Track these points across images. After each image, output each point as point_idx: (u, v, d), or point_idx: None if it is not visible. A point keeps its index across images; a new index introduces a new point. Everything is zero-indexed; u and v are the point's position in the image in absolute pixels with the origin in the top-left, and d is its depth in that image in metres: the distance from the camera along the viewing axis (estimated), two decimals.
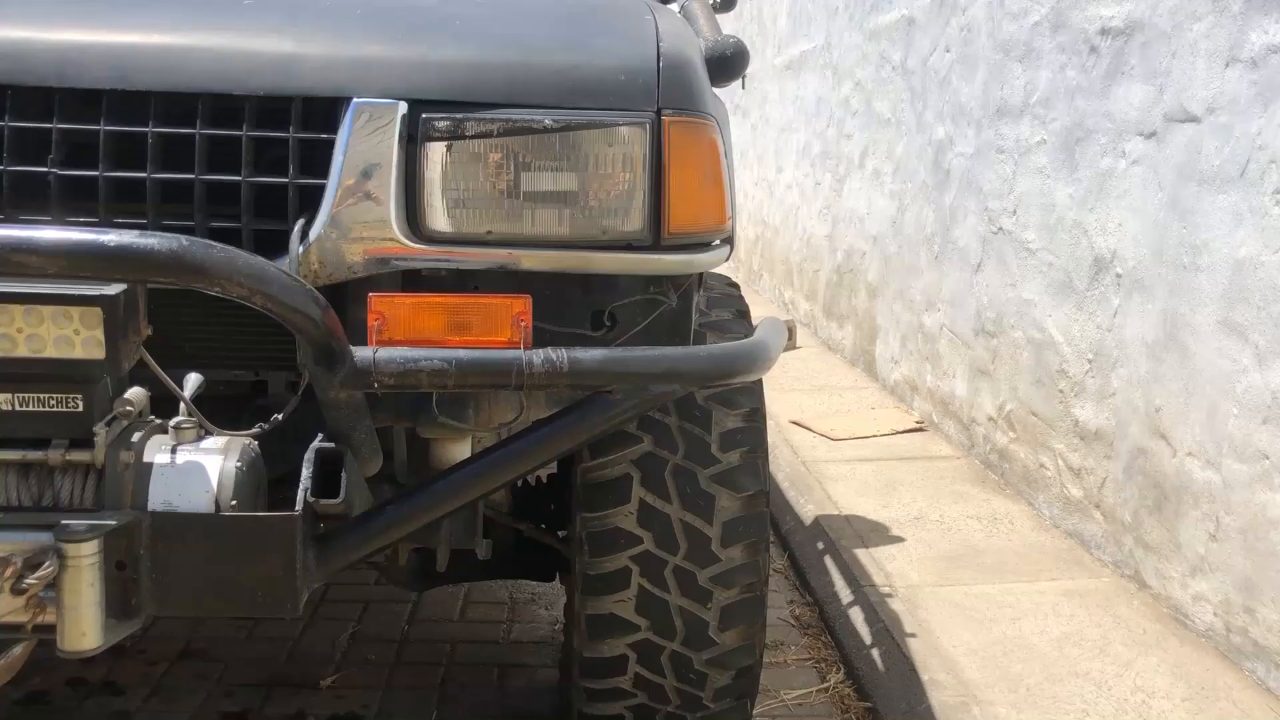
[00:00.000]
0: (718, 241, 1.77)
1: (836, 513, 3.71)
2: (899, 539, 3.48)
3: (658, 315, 1.78)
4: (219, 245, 1.32)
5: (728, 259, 1.83)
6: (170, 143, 1.57)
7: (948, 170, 4.63)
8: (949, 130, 4.62)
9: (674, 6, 2.61)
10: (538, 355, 1.52)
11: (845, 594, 3.11)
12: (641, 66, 1.66)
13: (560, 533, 2.28)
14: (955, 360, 4.53)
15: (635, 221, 1.66)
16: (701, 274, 1.88)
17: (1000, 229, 4.07)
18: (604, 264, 1.68)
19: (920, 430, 4.78)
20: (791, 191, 7.77)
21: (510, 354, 1.52)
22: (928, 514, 3.71)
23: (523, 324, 1.55)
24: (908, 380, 5.13)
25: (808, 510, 3.76)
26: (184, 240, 1.30)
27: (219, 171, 1.58)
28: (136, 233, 1.29)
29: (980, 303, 4.26)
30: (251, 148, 1.57)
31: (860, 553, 3.35)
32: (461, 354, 1.50)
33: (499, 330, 1.56)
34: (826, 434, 4.65)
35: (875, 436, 4.67)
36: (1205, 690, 2.53)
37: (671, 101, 1.66)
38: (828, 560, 3.34)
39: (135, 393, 1.51)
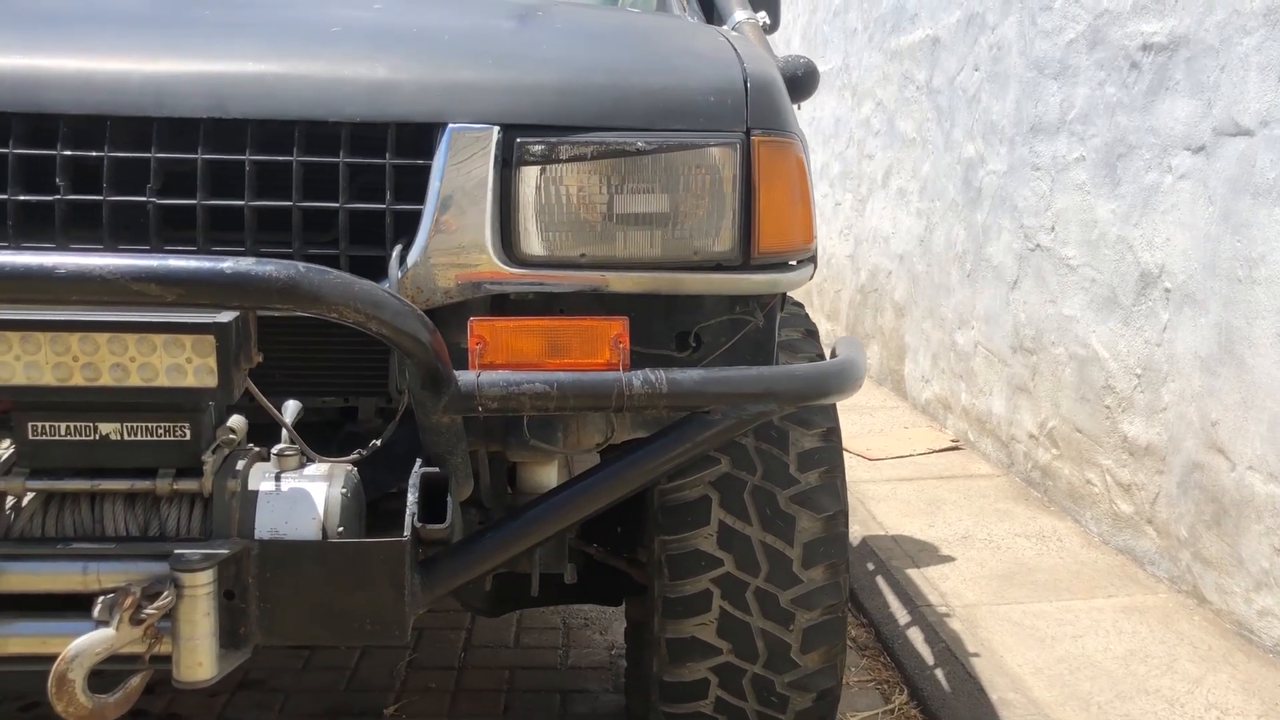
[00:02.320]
0: (803, 260, 1.77)
1: (883, 533, 3.69)
2: (949, 558, 3.46)
3: (743, 335, 1.78)
4: (334, 271, 1.32)
5: (811, 278, 1.83)
6: (264, 170, 1.58)
7: (979, 188, 4.64)
8: (979, 148, 4.63)
9: (726, 28, 2.62)
10: (637, 376, 1.52)
11: (902, 615, 3.08)
12: (730, 87, 1.67)
13: (627, 556, 2.27)
14: (992, 378, 4.52)
15: (725, 242, 1.66)
16: (785, 293, 1.88)
17: (1038, 246, 4.07)
18: (694, 285, 1.67)
19: (956, 449, 4.76)
20: None
21: (610, 376, 1.52)
22: (975, 533, 3.69)
23: (621, 346, 1.55)
24: (940, 399, 5.12)
25: (854, 531, 3.74)
26: (300, 267, 1.30)
27: (311, 198, 1.58)
28: (253, 260, 1.29)
29: (1018, 320, 4.25)
30: (346, 174, 1.57)
31: (912, 573, 3.33)
32: (563, 376, 1.50)
33: (597, 352, 1.56)
34: (863, 454, 4.64)
35: (912, 456, 4.65)
36: None
37: (760, 121, 1.66)
38: (880, 581, 3.32)
39: (237, 420, 1.51)
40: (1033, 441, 4.13)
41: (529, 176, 1.60)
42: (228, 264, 1.27)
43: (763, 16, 2.79)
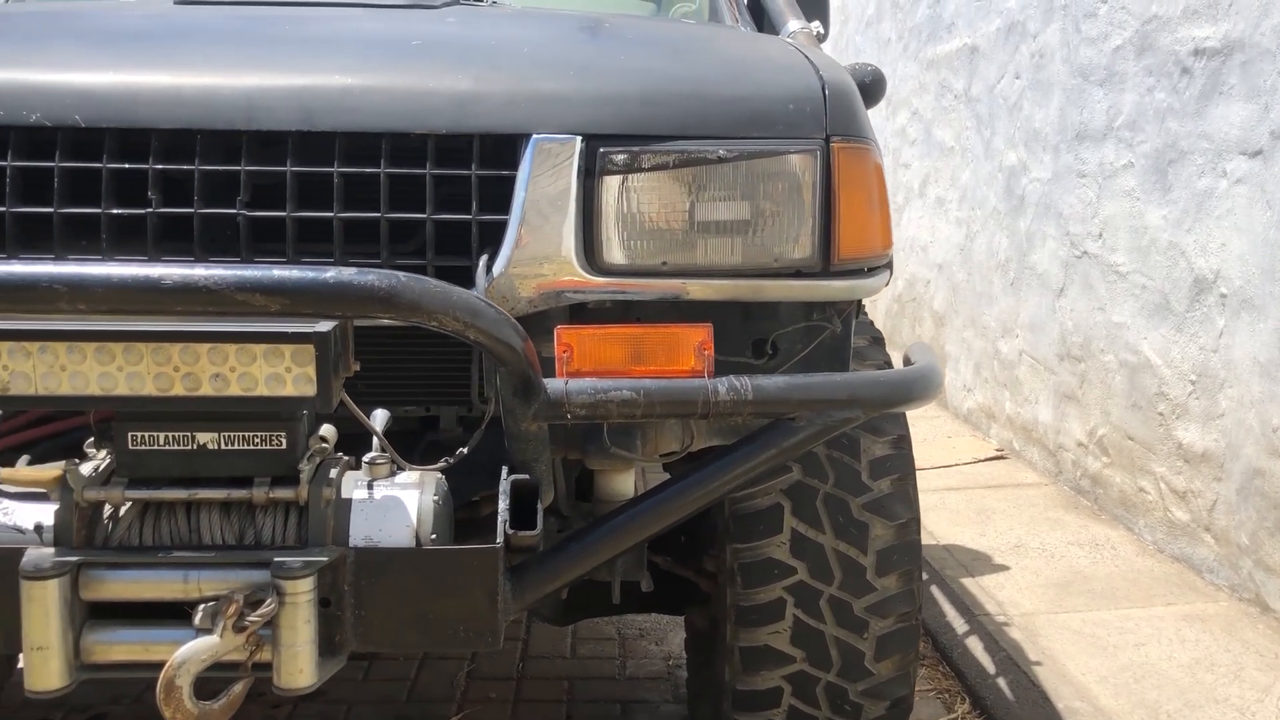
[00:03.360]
0: (880, 267, 1.77)
1: (934, 543, 3.67)
2: (1003, 567, 3.44)
3: (819, 342, 1.78)
4: (432, 280, 1.33)
5: (888, 284, 1.83)
6: (349, 181, 1.59)
7: (1022, 196, 4.62)
8: (1022, 156, 4.62)
9: (781, 37, 2.63)
10: (722, 383, 1.52)
11: (959, 624, 3.07)
12: (808, 95, 1.67)
13: (693, 565, 2.26)
14: (1038, 386, 4.49)
15: (805, 248, 1.66)
16: (860, 299, 1.88)
17: (1085, 253, 4.05)
18: (774, 291, 1.68)
19: (1001, 458, 4.74)
20: None
21: (696, 383, 1.52)
22: (1027, 541, 3.67)
23: (706, 353, 1.55)
24: (983, 408, 5.10)
25: None
26: (401, 276, 1.31)
27: (394, 209, 1.59)
28: (354, 270, 1.30)
29: (1064, 327, 4.23)
30: (432, 186, 1.58)
31: (967, 582, 3.31)
32: (649, 384, 1.50)
33: (681, 360, 1.56)
34: None
35: (957, 465, 4.63)
36: None
37: (839, 128, 1.67)
38: (935, 590, 3.30)
39: (328, 429, 1.52)
40: (1082, 450, 4.10)
41: (611, 186, 1.60)
42: (330, 273, 1.29)
43: (816, 26, 2.80)
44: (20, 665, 2.65)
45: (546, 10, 2.38)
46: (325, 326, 1.35)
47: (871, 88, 2.08)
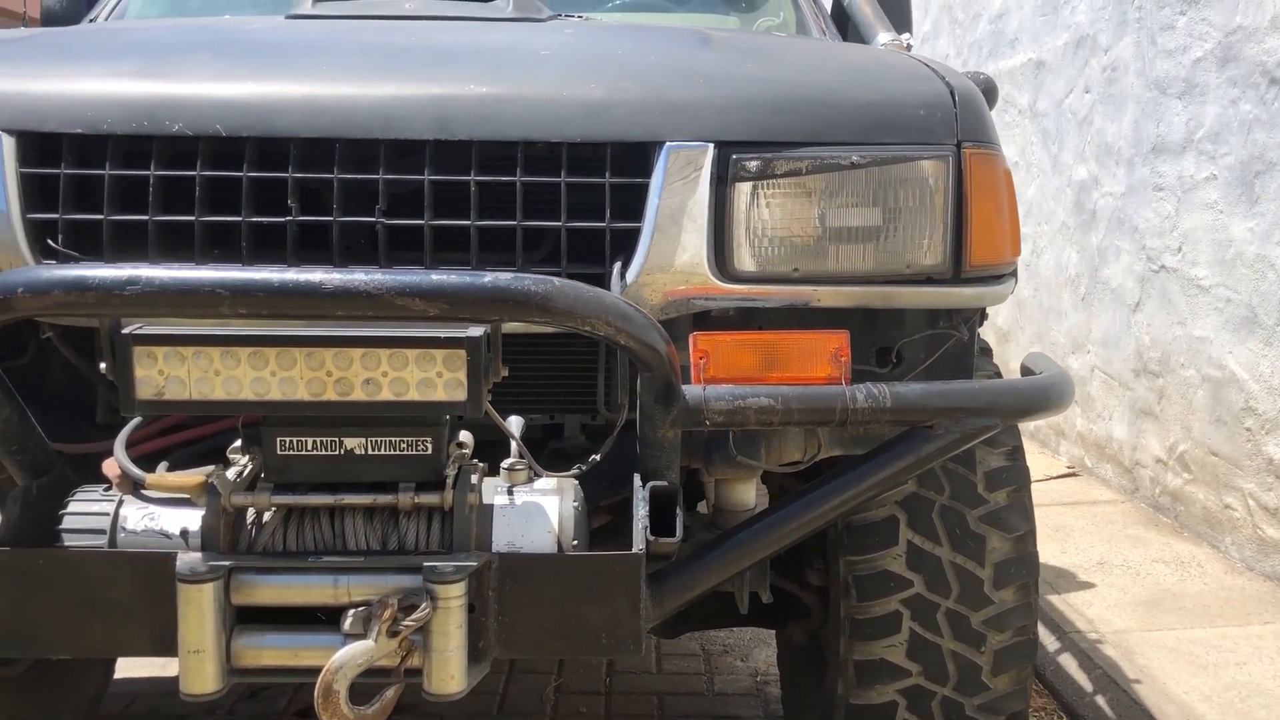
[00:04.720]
0: (1008, 274, 1.76)
1: None
2: (1089, 584, 3.39)
3: (945, 350, 1.76)
4: (585, 285, 1.33)
5: (1013, 291, 1.81)
6: (483, 189, 1.59)
7: (1093, 210, 4.58)
8: (1093, 170, 4.58)
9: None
10: (860, 390, 1.51)
11: (1050, 641, 3.02)
12: (938, 101, 1.66)
13: (796, 579, 2.24)
14: (1112, 402, 4.44)
15: (936, 255, 1.65)
16: (985, 308, 1.86)
17: (1162, 267, 4.00)
18: (905, 298, 1.66)
19: (1073, 475, 4.67)
20: None
21: (834, 390, 1.51)
22: (1110, 559, 3.61)
23: (843, 360, 1.54)
24: (1052, 425, 5.03)
25: None
26: (555, 281, 1.31)
27: (529, 217, 1.59)
28: (510, 275, 1.30)
29: (1141, 343, 4.17)
30: (566, 194, 1.59)
31: (1054, 599, 3.26)
32: (787, 390, 1.49)
33: (817, 367, 1.55)
34: None
35: None
36: None
37: (970, 134, 1.66)
38: None
39: (466, 435, 1.52)
40: (1161, 466, 4.04)
41: (743, 193, 1.60)
42: (488, 278, 1.29)
43: (907, 38, 2.79)
44: (116, 675, 2.67)
45: (647, 24, 2.39)
46: (476, 331, 1.35)
47: (985, 96, 2.06)
